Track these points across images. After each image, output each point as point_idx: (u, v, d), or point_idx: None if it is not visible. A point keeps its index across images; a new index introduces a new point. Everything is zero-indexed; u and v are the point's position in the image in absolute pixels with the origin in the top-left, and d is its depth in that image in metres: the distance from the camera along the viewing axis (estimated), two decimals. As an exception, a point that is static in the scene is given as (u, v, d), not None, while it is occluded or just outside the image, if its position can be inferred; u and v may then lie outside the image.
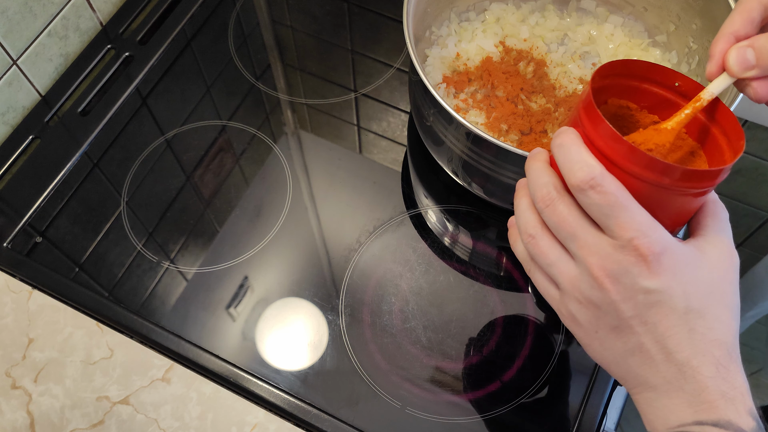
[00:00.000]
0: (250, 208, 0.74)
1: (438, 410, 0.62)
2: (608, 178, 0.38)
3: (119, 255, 0.71)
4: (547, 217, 0.42)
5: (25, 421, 0.62)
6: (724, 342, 0.39)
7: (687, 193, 0.40)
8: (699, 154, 0.45)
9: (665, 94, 0.45)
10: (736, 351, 0.40)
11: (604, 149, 0.39)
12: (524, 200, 0.44)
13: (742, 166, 0.96)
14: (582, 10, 0.79)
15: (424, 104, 0.66)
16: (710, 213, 0.43)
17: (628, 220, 0.38)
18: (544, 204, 0.42)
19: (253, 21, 0.89)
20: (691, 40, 0.72)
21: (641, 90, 0.46)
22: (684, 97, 0.44)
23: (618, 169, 0.39)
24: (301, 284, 0.69)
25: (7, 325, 0.66)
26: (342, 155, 0.78)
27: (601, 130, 0.39)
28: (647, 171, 0.38)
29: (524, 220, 0.44)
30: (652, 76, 0.45)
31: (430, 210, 0.74)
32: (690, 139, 0.45)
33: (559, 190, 0.41)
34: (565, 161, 0.40)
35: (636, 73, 0.45)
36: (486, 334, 0.66)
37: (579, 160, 0.39)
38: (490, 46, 0.76)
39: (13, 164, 0.77)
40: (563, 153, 0.40)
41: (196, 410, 0.62)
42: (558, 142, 0.41)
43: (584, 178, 0.38)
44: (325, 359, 0.65)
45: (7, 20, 0.73)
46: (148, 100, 0.81)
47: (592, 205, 0.39)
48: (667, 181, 0.38)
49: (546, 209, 0.41)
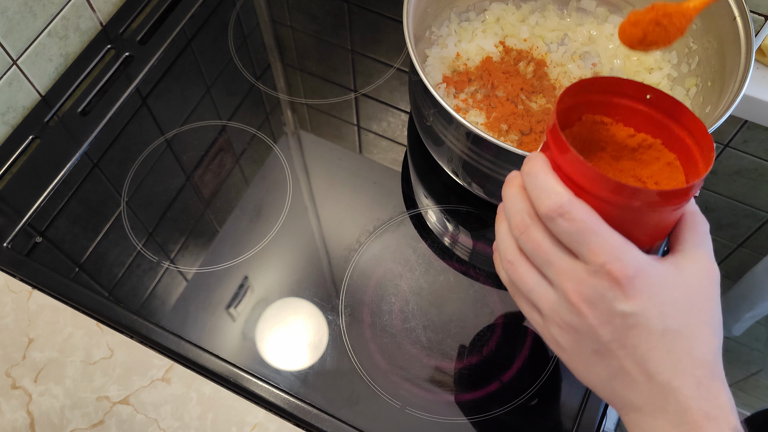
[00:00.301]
0: (250, 208, 0.74)
1: (438, 410, 0.62)
2: (576, 204, 0.38)
3: (119, 255, 0.71)
4: (523, 243, 0.42)
5: (25, 421, 0.62)
6: (705, 360, 0.39)
7: (660, 211, 0.40)
8: (675, 165, 0.44)
9: (638, 106, 0.45)
10: (718, 368, 0.40)
11: (571, 175, 0.39)
12: (503, 225, 0.44)
13: (742, 166, 0.96)
14: (582, 10, 0.79)
15: (424, 104, 0.66)
16: (689, 226, 0.43)
17: (599, 245, 0.38)
18: (519, 231, 0.42)
19: (253, 21, 0.89)
20: (691, 40, 0.72)
21: (614, 104, 0.45)
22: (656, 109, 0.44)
23: (587, 194, 0.39)
24: (301, 284, 0.69)
25: (7, 325, 0.66)
26: (342, 155, 0.78)
27: (567, 157, 0.39)
28: (615, 195, 0.38)
29: (503, 247, 0.44)
30: (623, 91, 0.45)
31: (430, 210, 0.74)
32: (667, 150, 0.45)
33: (532, 217, 0.41)
34: (533, 189, 0.40)
35: (606, 89, 0.45)
36: (486, 334, 0.66)
37: (546, 187, 0.39)
38: (490, 46, 0.76)
39: (13, 164, 0.77)
40: (531, 181, 0.41)
41: (196, 410, 0.62)
42: (526, 169, 0.41)
43: (552, 207, 0.39)
44: (325, 359, 0.65)
45: (7, 20, 0.73)
46: (148, 100, 0.81)
47: (563, 233, 0.39)
48: (636, 203, 0.38)
49: (521, 236, 0.42)
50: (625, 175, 0.45)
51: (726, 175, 0.99)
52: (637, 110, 0.45)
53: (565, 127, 0.45)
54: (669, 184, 0.44)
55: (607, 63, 0.76)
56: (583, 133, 0.46)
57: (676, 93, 0.73)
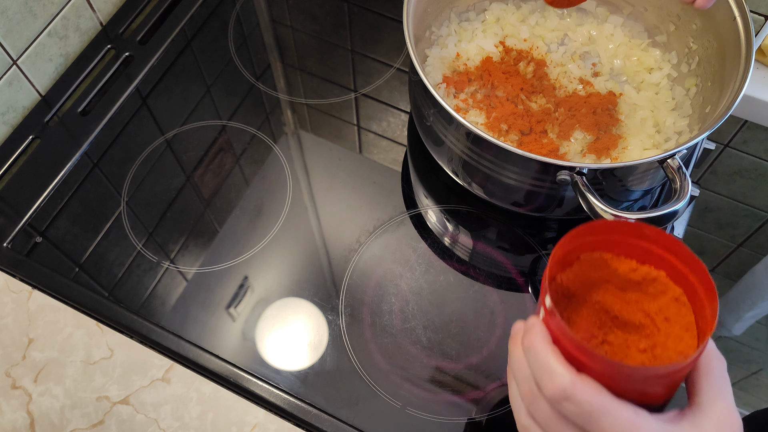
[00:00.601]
0: (250, 208, 0.74)
1: (438, 410, 0.62)
2: (579, 386, 0.37)
3: (119, 255, 0.71)
4: (533, 412, 0.41)
5: (25, 421, 0.62)
6: None
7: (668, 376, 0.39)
8: (683, 302, 0.43)
9: (636, 241, 0.44)
10: None
11: (570, 349, 0.38)
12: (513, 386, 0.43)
13: (742, 166, 0.96)
14: (582, 10, 0.79)
15: (424, 104, 0.66)
16: (704, 372, 0.41)
17: (609, 423, 0.37)
18: (528, 401, 0.41)
19: (253, 21, 0.89)
20: (691, 40, 0.72)
21: (611, 241, 0.44)
22: (656, 244, 0.43)
23: (589, 368, 0.38)
24: (301, 284, 0.69)
25: (7, 325, 0.66)
26: (342, 155, 0.78)
27: (566, 334, 0.38)
28: (615, 373, 0.37)
29: (515, 408, 0.43)
30: (618, 229, 0.44)
31: (430, 210, 0.74)
32: (672, 283, 0.44)
33: (539, 388, 0.40)
34: (535, 369, 0.39)
35: (600, 230, 0.43)
36: (486, 334, 0.66)
37: (547, 368, 0.38)
38: (490, 46, 0.76)
39: (13, 164, 0.77)
40: (532, 358, 0.39)
41: (196, 410, 0.62)
42: (526, 344, 0.40)
43: (555, 391, 0.37)
44: (325, 359, 0.65)
45: (7, 20, 0.73)
46: (148, 100, 0.81)
47: (570, 415, 0.38)
48: (638, 382, 0.37)
49: (531, 406, 0.40)
50: (633, 309, 0.43)
51: (726, 175, 0.99)
52: (635, 245, 0.44)
53: (564, 269, 0.44)
54: (678, 322, 0.42)
55: (607, 63, 0.76)
56: (584, 271, 0.44)
57: (676, 93, 0.73)
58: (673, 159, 0.58)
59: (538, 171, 0.61)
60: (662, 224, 0.57)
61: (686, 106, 0.71)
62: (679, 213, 0.56)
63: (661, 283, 0.44)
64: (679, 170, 0.58)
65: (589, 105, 0.71)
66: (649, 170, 0.62)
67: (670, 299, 0.43)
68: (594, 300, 0.45)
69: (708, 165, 0.99)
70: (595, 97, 0.72)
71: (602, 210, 0.57)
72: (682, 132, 0.70)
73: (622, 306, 0.44)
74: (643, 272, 0.44)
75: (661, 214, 0.56)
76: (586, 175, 0.58)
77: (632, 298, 0.45)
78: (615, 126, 0.70)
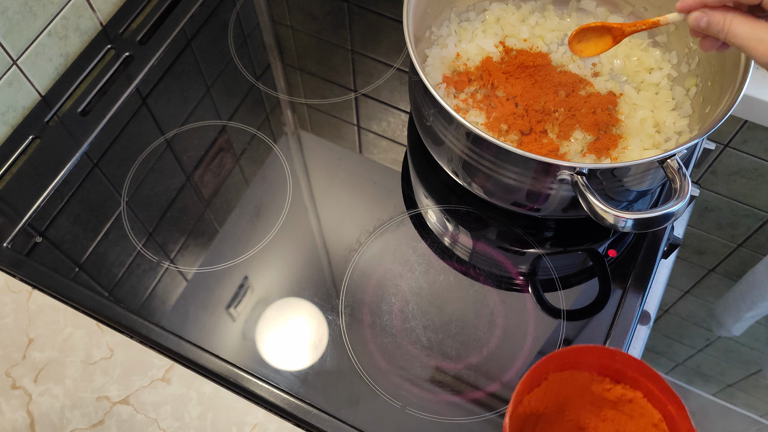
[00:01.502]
0: (250, 208, 0.74)
1: (438, 410, 0.62)
2: None
3: (119, 255, 0.71)
4: None
5: (25, 421, 0.62)
6: None
7: None
8: (662, 428, 0.42)
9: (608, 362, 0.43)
10: None
11: None
12: None
13: (742, 166, 0.96)
14: (582, 10, 0.79)
15: (424, 104, 0.66)
16: None
17: None
18: None
19: (253, 21, 0.89)
20: (691, 40, 0.72)
21: (580, 362, 0.44)
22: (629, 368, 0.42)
23: None
24: (301, 284, 0.69)
25: (7, 325, 0.66)
26: (342, 155, 0.78)
27: None
28: None
29: None
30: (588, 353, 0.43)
31: (430, 210, 0.74)
32: (650, 406, 0.43)
33: None
34: None
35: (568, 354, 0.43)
36: (486, 334, 0.66)
37: None
38: (490, 46, 0.76)
39: (13, 164, 0.77)
40: None
41: (196, 410, 0.62)
42: None
43: None
44: (325, 359, 0.65)
45: (7, 20, 0.73)
46: (148, 100, 0.81)
47: None
48: None
49: None
50: (609, 427, 0.43)
51: (726, 175, 0.99)
52: (608, 365, 0.43)
53: (531, 389, 0.43)
54: None
55: (606, 63, 0.76)
56: (553, 389, 0.43)
57: (676, 93, 0.73)
58: (673, 159, 0.58)
59: (538, 171, 0.61)
60: (662, 224, 0.57)
61: (686, 106, 0.71)
62: (678, 213, 0.56)
63: (638, 405, 0.43)
64: (678, 170, 0.58)
65: (589, 105, 0.71)
66: (649, 170, 0.62)
67: (648, 424, 0.42)
68: (567, 418, 0.43)
69: (708, 165, 0.98)
70: (595, 97, 0.72)
71: (602, 210, 0.57)
72: (682, 132, 0.70)
73: (597, 423, 0.43)
74: (618, 393, 0.43)
75: (660, 214, 0.56)
76: (586, 175, 0.58)
77: (608, 416, 0.43)
78: (615, 126, 0.70)
